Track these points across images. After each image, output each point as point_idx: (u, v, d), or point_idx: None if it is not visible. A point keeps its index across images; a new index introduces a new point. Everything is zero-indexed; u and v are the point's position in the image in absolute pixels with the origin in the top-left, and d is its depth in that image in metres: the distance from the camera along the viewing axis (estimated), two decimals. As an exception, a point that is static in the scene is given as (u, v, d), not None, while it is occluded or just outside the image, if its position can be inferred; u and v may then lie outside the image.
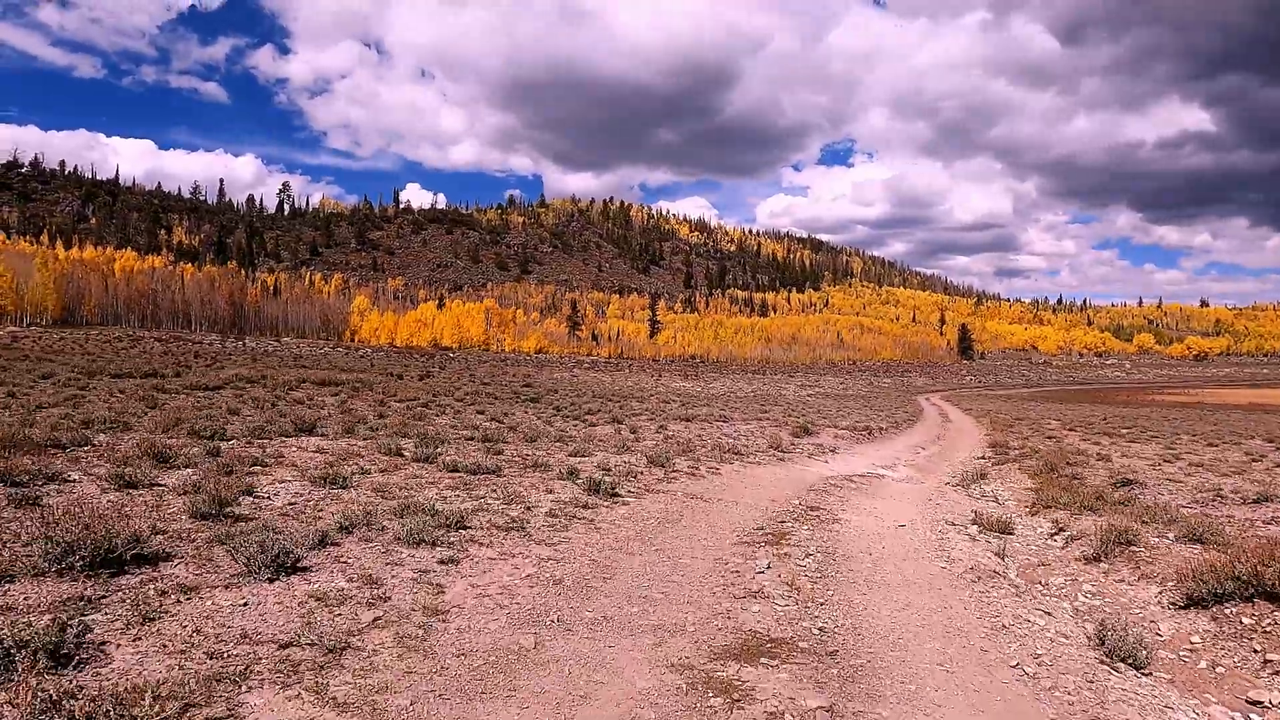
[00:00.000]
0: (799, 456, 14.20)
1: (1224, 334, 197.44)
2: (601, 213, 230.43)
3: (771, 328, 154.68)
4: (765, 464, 12.20)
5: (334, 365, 50.48)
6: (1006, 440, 20.03)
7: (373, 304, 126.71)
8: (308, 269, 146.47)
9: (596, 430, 15.84)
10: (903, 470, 13.89)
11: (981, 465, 14.59)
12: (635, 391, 46.62)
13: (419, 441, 10.30)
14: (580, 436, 14.02)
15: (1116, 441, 21.81)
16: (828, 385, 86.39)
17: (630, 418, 19.63)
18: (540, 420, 16.79)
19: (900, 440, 20.72)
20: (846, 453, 16.21)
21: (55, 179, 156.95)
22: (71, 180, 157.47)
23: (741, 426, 19.30)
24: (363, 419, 13.22)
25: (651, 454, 11.02)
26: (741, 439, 16.45)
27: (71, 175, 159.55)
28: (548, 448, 11.84)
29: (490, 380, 45.88)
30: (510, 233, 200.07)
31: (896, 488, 10.81)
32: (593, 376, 77.38)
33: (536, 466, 9.47)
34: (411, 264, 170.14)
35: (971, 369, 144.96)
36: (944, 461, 15.87)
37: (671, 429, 17.49)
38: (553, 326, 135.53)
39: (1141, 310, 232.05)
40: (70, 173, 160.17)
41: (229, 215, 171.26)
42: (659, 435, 15.73)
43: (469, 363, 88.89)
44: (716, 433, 17.41)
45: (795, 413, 31.86)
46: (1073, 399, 69.24)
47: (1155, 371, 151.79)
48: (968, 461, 15.69)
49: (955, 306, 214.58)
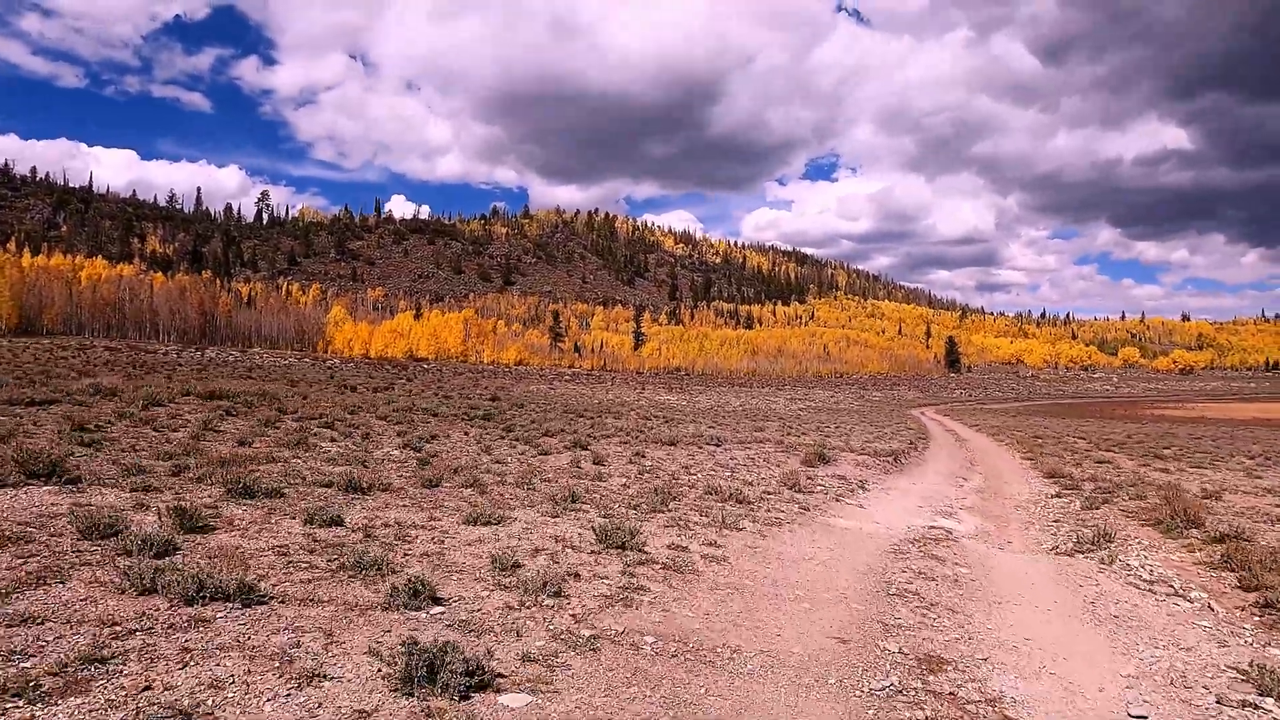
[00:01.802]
0: (825, 500, 10.31)
1: (1207, 348, 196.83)
2: (586, 224, 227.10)
3: (757, 340, 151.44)
4: (786, 523, 8.26)
5: (287, 377, 46.12)
6: (1059, 468, 16.28)
7: (351, 315, 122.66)
8: (285, 279, 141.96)
9: (548, 461, 11.87)
10: (969, 520, 10.05)
11: (1069, 511, 10.77)
12: (614, 406, 42.62)
13: (228, 491, 6.34)
14: (517, 473, 10.07)
15: (1181, 467, 18.19)
16: (818, 399, 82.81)
17: (600, 440, 15.70)
18: (477, 447, 12.80)
19: (930, 468, 16.92)
20: (879, 489, 12.35)
21: (26, 186, 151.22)
22: (42, 187, 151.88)
23: (738, 452, 15.41)
24: (192, 449, 9.20)
25: (607, 523, 6.99)
26: (742, 471, 12.56)
27: (43, 182, 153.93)
28: (452, 501, 7.87)
29: (454, 393, 41.71)
30: (493, 243, 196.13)
31: (1010, 568, 6.87)
32: (572, 389, 73.29)
33: (365, 570, 5.07)
34: (392, 274, 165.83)
35: (960, 382, 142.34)
36: (1007, 502, 12.06)
37: (650, 457, 13.58)
38: (534, 338, 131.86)
39: (1125, 324, 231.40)
40: (42, 180, 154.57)
41: (206, 224, 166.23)
42: (632, 468, 11.81)
43: (442, 374, 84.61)
44: (709, 462, 13.51)
45: (793, 430, 28.07)
46: (1073, 413, 66.03)
47: (1144, 385, 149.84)
48: (1039, 502, 11.88)
49: (940, 320, 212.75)
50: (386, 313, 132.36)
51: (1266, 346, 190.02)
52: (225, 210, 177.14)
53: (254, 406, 14.80)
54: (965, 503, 11.73)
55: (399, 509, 7.15)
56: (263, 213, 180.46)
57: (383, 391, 40.81)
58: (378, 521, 6.57)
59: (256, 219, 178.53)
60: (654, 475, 11.15)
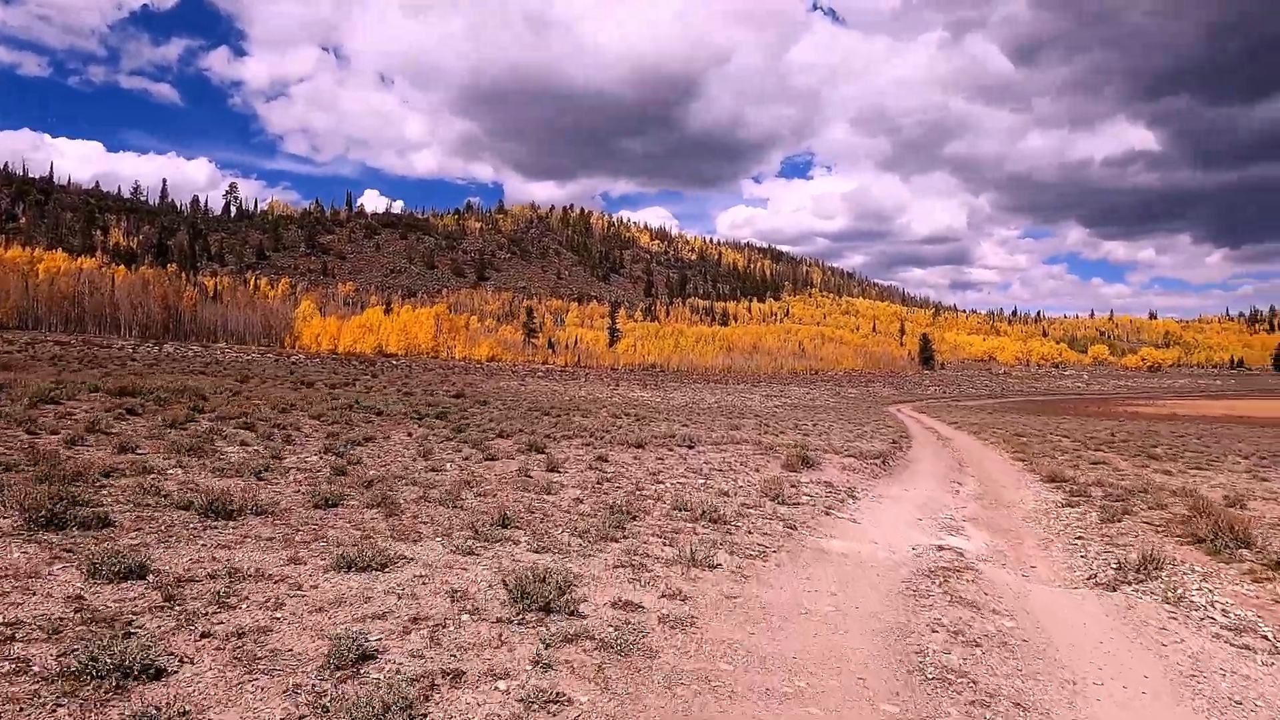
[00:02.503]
0: (813, 514, 8.89)
1: (1174, 346, 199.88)
2: (561, 219, 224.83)
3: (733, 337, 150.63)
4: (772, 550, 6.77)
5: (243, 373, 43.91)
6: (1058, 471, 15.08)
7: (321, 310, 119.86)
8: (253, 273, 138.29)
9: (494, 468, 10.32)
10: (977, 537, 8.69)
11: (1086, 524, 9.46)
12: (585, 403, 41.09)
13: (27, 520, 4.74)
14: (451, 484, 8.52)
15: (1180, 468, 17.13)
16: (794, 396, 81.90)
17: (560, 442, 14.18)
18: (414, 451, 11.20)
19: (920, 472, 15.63)
20: (870, 497, 10.98)
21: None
22: (0, 178, 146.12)
23: (713, 455, 13.98)
24: (44, 458, 7.52)
25: (534, 567, 5.40)
26: (717, 478, 11.12)
27: (0, 173, 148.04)
28: (341, 529, 6.30)
29: (417, 390, 39.88)
30: (467, 238, 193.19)
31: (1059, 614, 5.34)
32: (544, 386, 71.57)
33: (101, 678, 3.18)
34: (364, 269, 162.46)
35: (934, 379, 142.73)
36: (1013, 512, 10.75)
37: (614, 461, 12.09)
38: (508, 334, 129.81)
39: (1094, 322, 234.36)
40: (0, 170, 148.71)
41: (171, 217, 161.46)
42: (591, 476, 10.30)
43: (411, 371, 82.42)
44: (680, 467, 12.06)
45: (771, 429, 26.77)
46: (1049, 411, 65.72)
47: (1114, 382, 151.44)
48: (1049, 512, 10.58)
49: (914, 317, 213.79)
50: (357, 308, 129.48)
51: (1230, 344, 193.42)
52: (192, 203, 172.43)
53: (167, 405, 13.06)
54: (966, 512, 10.42)
55: (256, 545, 5.43)
56: (230, 206, 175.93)
57: (342, 388, 38.81)
58: (206, 570, 4.78)
59: (224, 212, 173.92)
60: (615, 485, 9.66)
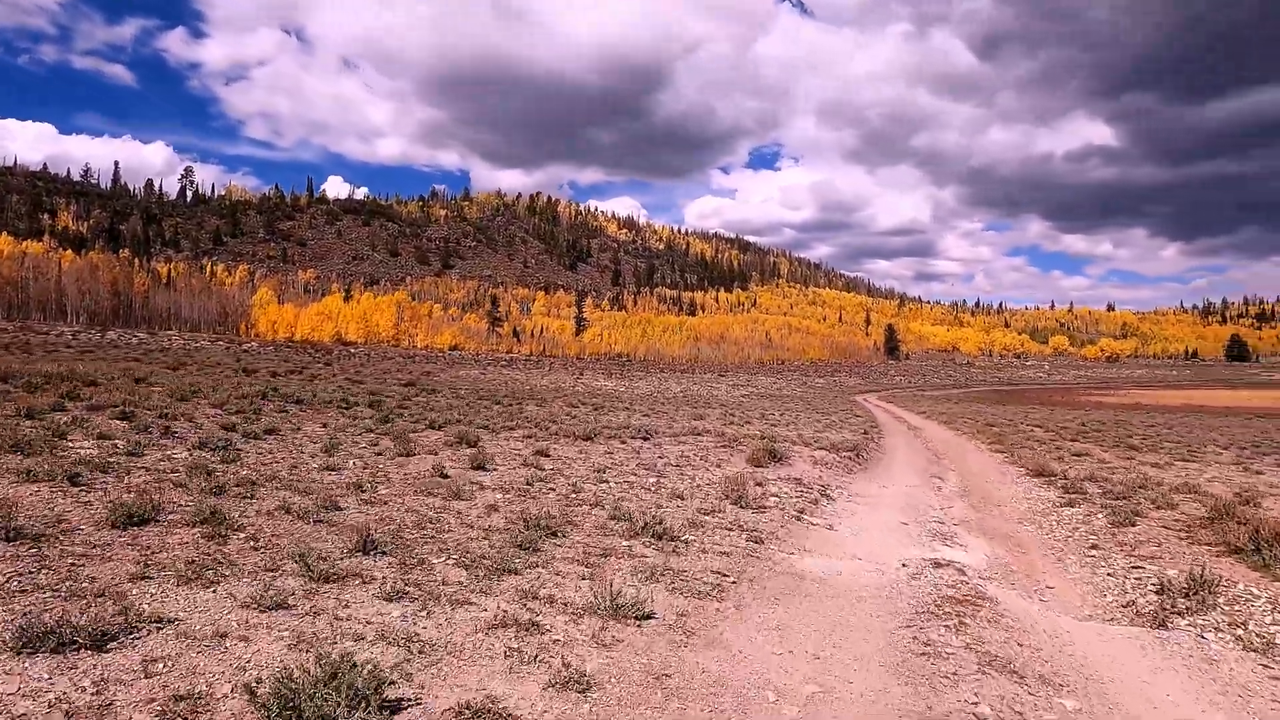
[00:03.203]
0: (782, 522, 7.47)
1: (1131, 337, 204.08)
2: (528, 208, 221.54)
3: (700, 326, 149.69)
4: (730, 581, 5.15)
5: (181, 361, 41.41)
6: (1045, 465, 13.92)
7: (280, 297, 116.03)
8: (210, 260, 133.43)
9: (406, 466, 8.71)
10: (975, 546, 7.36)
11: (1095, 528, 8.20)
12: (544, 392, 39.44)
13: None
14: (339, 488, 6.93)
15: (1166, 460, 16.16)
16: (761, 385, 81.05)
17: (501, 434, 12.62)
18: (320, 445, 9.54)
19: (896, 466, 14.38)
20: (846, 497, 9.63)
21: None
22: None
23: (671, 448, 12.53)
24: None
25: (295, 681, 3.75)
26: (672, 475, 9.66)
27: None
28: (114, 566, 4.63)
29: (368, 379, 37.91)
30: (432, 226, 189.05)
31: (1118, 668, 3.77)
32: (505, 375, 69.66)
33: None
34: (325, 256, 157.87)
35: (899, 369, 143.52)
36: (1006, 512, 9.48)
37: (555, 456, 10.57)
38: (472, 323, 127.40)
39: (1054, 314, 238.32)
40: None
41: (124, 201, 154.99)
42: (521, 475, 8.76)
43: (369, 359, 79.78)
44: (631, 462, 10.59)
45: (736, 418, 25.48)
46: (1014, 400, 65.74)
47: (1075, 372, 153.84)
48: (1046, 512, 9.32)
49: (879, 308, 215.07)
50: (318, 296, 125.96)
51: (1185, 336, 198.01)
52: (146, 187, 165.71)
53: (38, 390, 11.22)
54: (955, 513, 9.13)
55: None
56: (186, 190, 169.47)
57: (287, 375, 36.72)
58: None
59: (180, 196, 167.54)
60: (547, 487, 8.14)
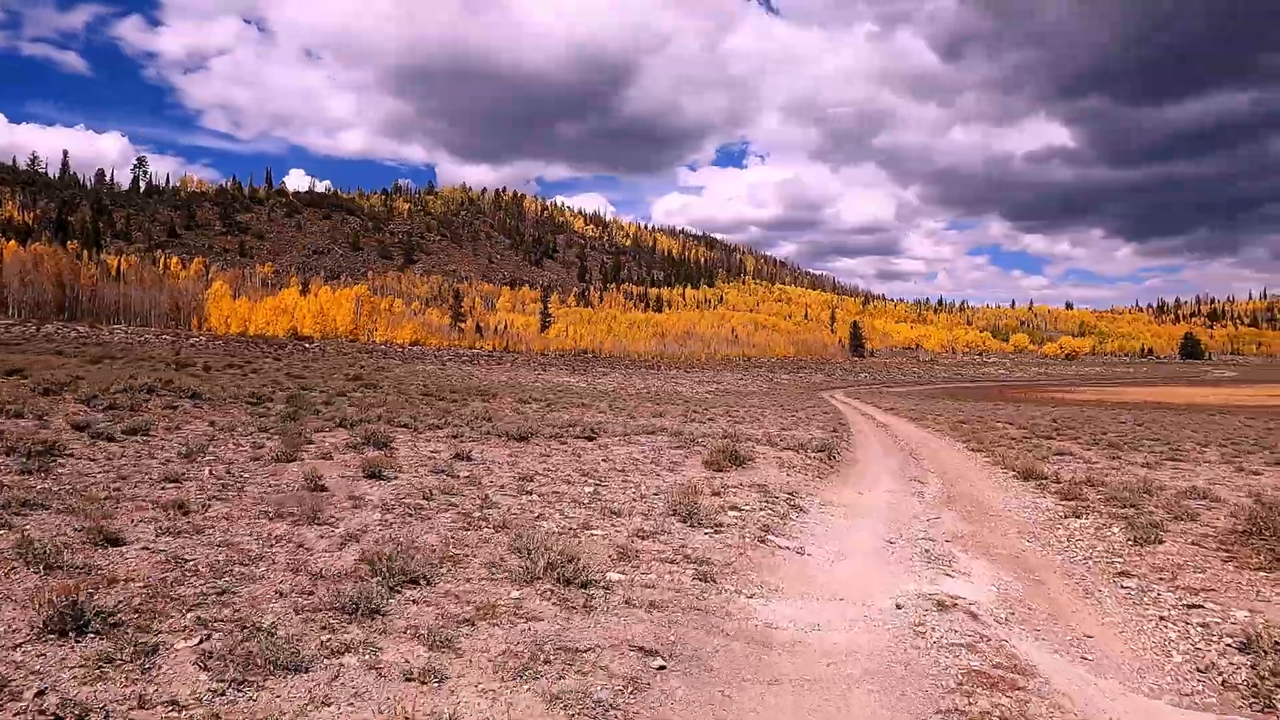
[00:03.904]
0: (740, 544, 5.97)
1: (1089, 335, 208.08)
2: (493, 202, 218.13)
3: (666, 323, 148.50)
4: (660, 661, 3.58)
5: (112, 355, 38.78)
6: (1032, 466, 12.69)
7: (236, 291, 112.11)
8: (163, 252, 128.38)
9: (280, 474, 7.03)
10: (979, 572, 5.95)
11: (1116, 547, 6.87)
12: (499, 388, 37.66)
13: None
14: (158, 504, 5.25)
15: (1155, 460, 15.11)
16: (727, 382, 79.99)
17: (423, 433, 10.96)
18: (171, 454, 7.80)
19: (871, 467, 13.02)
20: (819, 508, 8.19)
21: None
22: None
23: (619, 449, 10.99)
24: None
25: None
26: (613, 484, 8.12)
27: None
28: None
29: (309, 374, 35.78)
30: (395, 220, 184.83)
31: None
32: (464, 370, 67.53)
33: None
34: (284, 250, 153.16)
35: (864, 366, 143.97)
36: (1004, 524, 8.13)
37: (478, 460, 8.96)
38: (434, 318, 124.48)
39: (1015, 312, 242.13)
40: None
41: (73, 191, 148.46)
42: (422, 485, 7.13)
43: (324, 354, 76.96)
44: (567, 468, 9.03)
45: (698, 416, 24.08)
46: (979, 396, 65.57)
47: (1035, 370, 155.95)
48: (1050, 525, 8.00)
49: (845, 305, 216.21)
50: (276, 290, 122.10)
51: (1141, 334, 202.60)
52: (97, 176, 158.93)
53: None
54: (945, 527, 7.76)
55: None
56: (139, 180, 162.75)
57: (224, 370, 34.50)
58: None
59: (133, 187, 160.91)
60: (447, 503, 6.54)
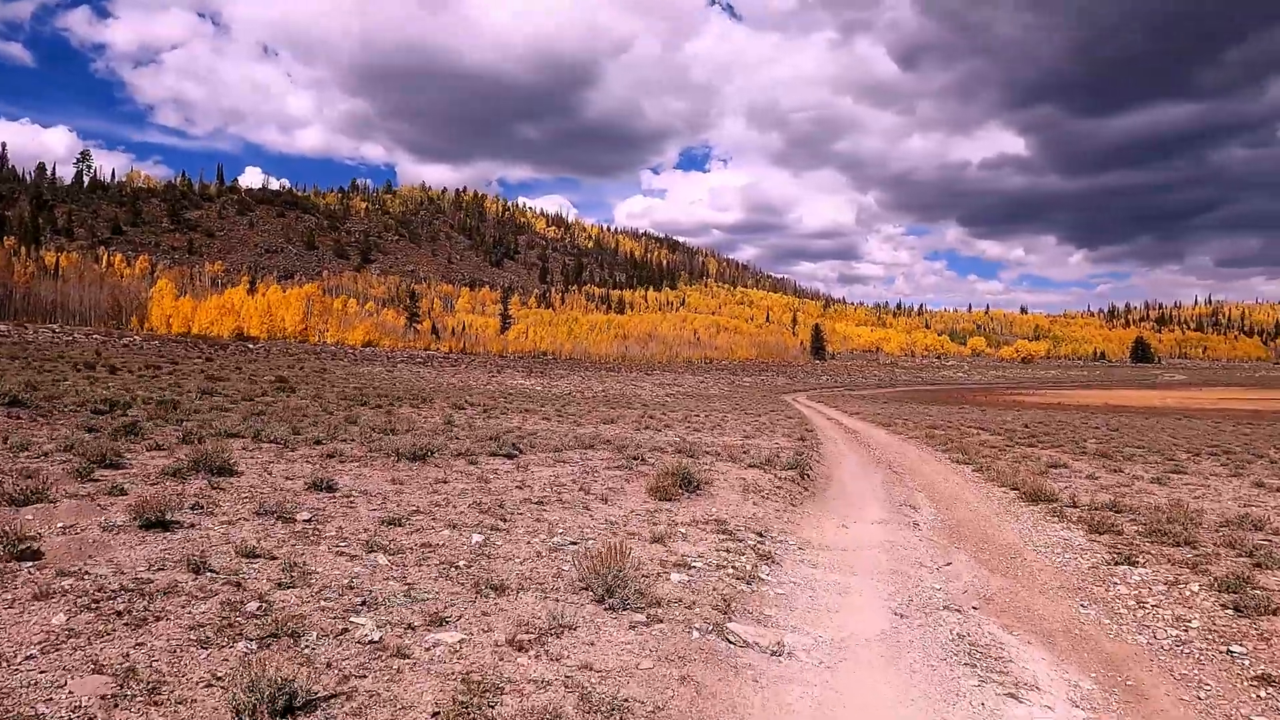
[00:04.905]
0: (684, 643, 3.87)
1: (1044, 339, 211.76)
2: (454, 202, 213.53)
3: (628, 325, 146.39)
4: None
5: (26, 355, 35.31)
6: (1036, 484, 10.85)
7: (184, 290, 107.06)
8: (107, 249, 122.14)
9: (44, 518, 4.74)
10: (1050, 681, 3.95)
11: (1223, 628, 4.96)
12: (444, 391, 35.13)
13: None
14: None
15: (1161, 473, 13.51)
16: (688, 384, 78.20)
17: (299, 450, 8.66)
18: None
19: (851, 487, 11.06)
20: (797, 556, 6.15)
21: None
22: None
23: (542, 472, 8.82)
24: None
25: None
26: (515, 532, 5.96)
27: None
28: None
29: (233, 375, 32.87)
30: (352, 219, 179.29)
31: None
32: (414, 373, 64.52)
33: None
34: (236, 248, 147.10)
35: (825, 368, 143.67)
36: (1033, 571, 6.18)
37: (343, 489, 6.73)
38: (390, 318, 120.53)
39: (971, 316, 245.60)
40: None
41: (11, 185, 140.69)
42: (239, 537, 4.90)
43: (269, 354, 73.05)
44: (460, 503, 6.84)
45: (654, 423, 22.05)
46: (942, 400, 64.80)
47: (993, 373, 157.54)
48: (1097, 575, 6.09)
49: (806, 308, 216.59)
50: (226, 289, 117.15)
51: (1093, 338, 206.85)
52: (37, 170, 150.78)
53: None
54: (963, 580, 5.80)
55: None
56: (83, 175, 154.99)
57: (144, 372, 31.60)
58: None
59: (76, 182, 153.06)
60: (223, 582, 4.32)
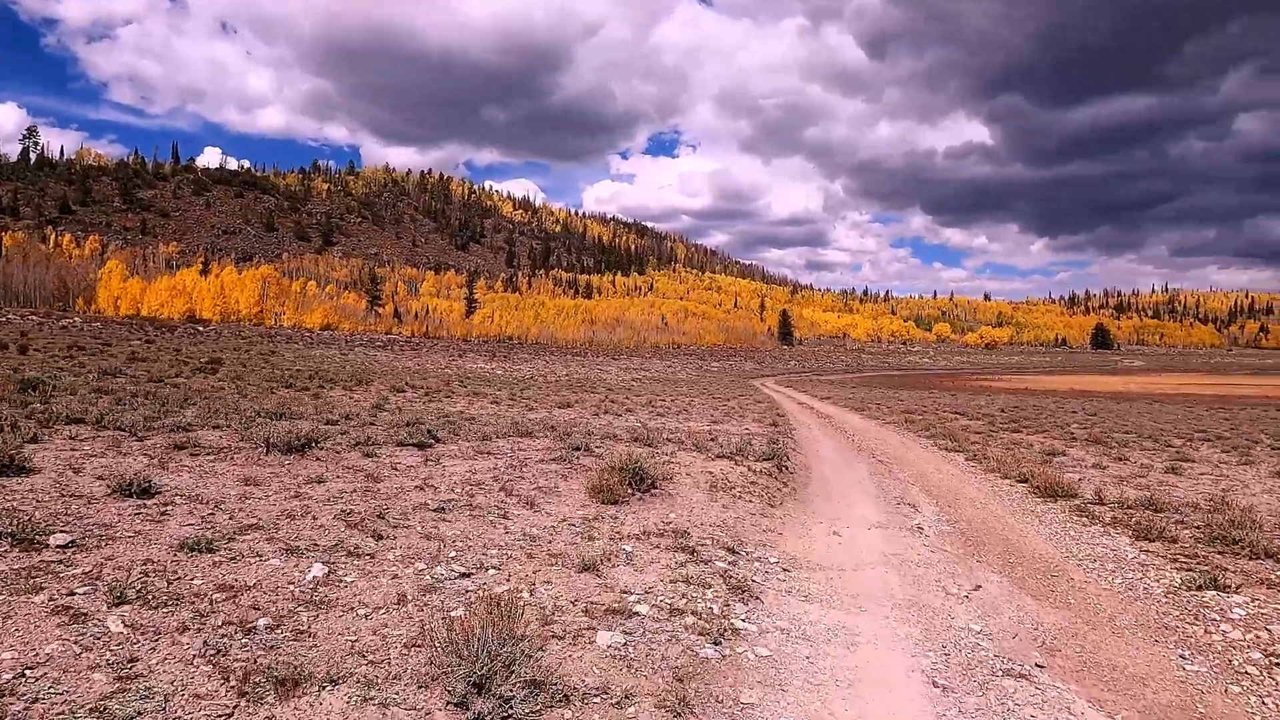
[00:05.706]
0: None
1: (1007, 325, 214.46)
2: (419, 184, 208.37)
3: (596, 310, 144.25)
4: None
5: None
6: (1051, 477, 9.40)
7: (134, 271, 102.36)
8: (54, 229, 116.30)
9: None
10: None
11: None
12: (394, 375, 33.03)
13: None
14: None
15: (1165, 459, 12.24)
16: (654, 369, 76.65)
17: (142, 441, 6.79)
18: None
19: (835, 480, 9.49)
20: (780, 585, 4.53)
21: None
22: None
23: (456, 466, 7.06)
24: None
25: None
26: (372, 567, 4.23)
27: None
28: None
29: (163, 356, 30.47)
30: (313, 200, 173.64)
31: None
32: (368, 356, 61.95)
33: None
34: (191, 229, 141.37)
35: (793, 354, 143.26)
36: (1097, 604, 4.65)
37: (166, 490, 4.93)
38: (351, 302, 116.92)
39: (936, 303, 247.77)
40: None
41: None
42: None
43: (217, 337, 69.70)
44: (318, 515, 5.09)
45: (615, 407, 20.39)
46: (911, 385, 64.20)
47: (958, 358, 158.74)
48: (1184, 609, 4.59)
49: (774, 294, 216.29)
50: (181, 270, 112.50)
51: (1055, 325, 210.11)
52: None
53: None
54: (1006, 616, 4.23)
55: None
56: (29, 152, 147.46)
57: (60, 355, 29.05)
58: None
59: (21, 159, 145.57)
60: None
